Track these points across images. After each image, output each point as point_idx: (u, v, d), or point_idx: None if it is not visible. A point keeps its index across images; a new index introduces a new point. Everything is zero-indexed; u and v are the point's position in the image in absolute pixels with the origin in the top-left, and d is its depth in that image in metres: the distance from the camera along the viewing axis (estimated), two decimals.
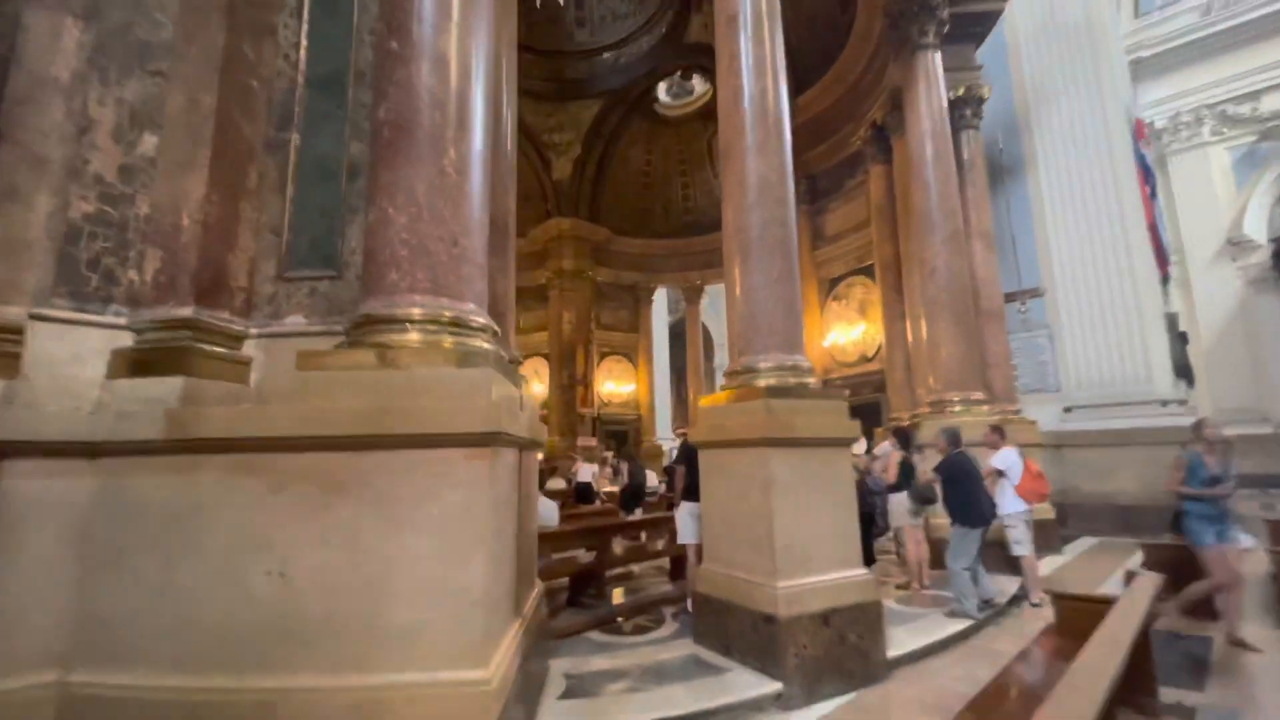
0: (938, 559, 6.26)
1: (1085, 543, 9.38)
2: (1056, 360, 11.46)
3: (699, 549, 5.01)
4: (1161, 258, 12.30)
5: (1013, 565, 6.40)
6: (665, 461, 15.67)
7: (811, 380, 4.55)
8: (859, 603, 4.13)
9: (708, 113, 16.21)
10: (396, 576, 2.47)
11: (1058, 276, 11.42)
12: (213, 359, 2.99)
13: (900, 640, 4.58)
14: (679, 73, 15.95)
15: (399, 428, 2.53)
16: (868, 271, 11.79)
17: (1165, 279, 12.56)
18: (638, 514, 8.37)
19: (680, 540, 5.43)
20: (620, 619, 5.39)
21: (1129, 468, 10.23)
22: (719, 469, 4.60)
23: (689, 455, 5.24)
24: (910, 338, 9.79)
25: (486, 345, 3.01)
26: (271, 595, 2.49)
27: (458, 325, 2.91)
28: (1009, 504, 5.75)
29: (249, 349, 3.21)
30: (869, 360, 11.90)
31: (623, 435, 17.04)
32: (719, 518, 4.56)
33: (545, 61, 14.90)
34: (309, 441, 2.54)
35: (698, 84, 17.07)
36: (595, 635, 4.98)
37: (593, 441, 15.38)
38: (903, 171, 9.58)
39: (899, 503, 6.16)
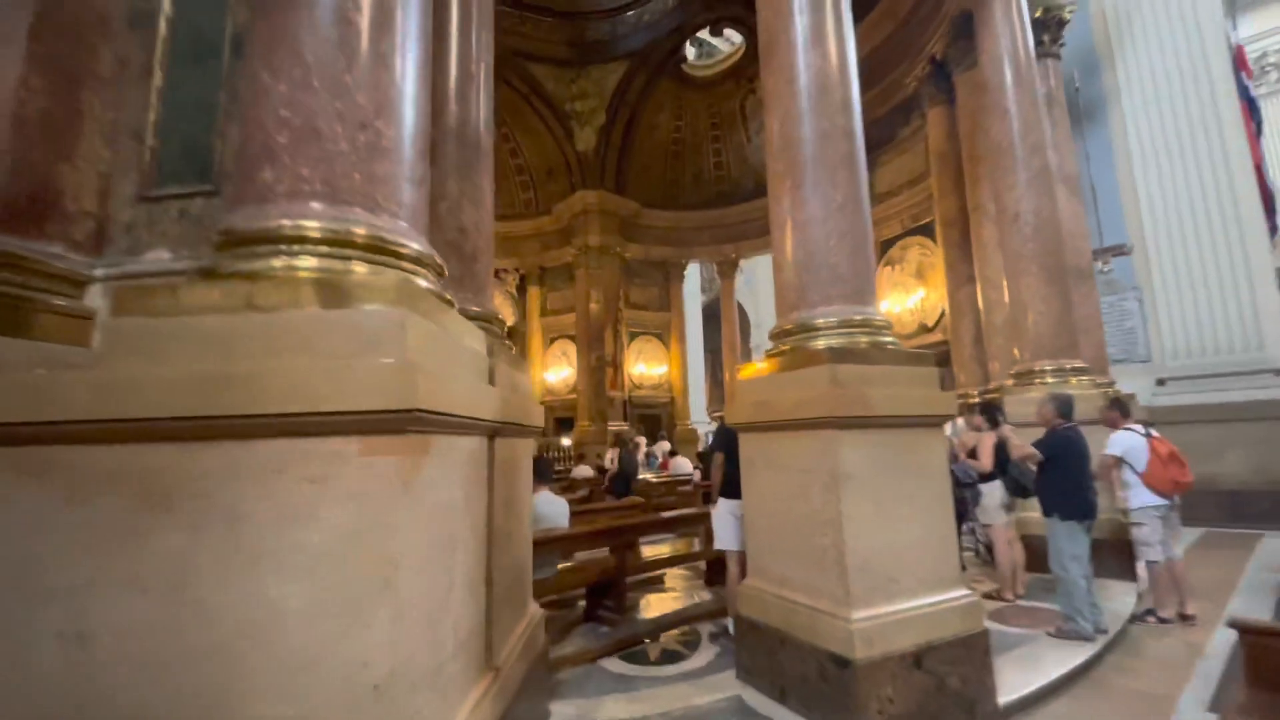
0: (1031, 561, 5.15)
1: (1189, 534, 8.06)
2: (1147, 326, 10.08)
3: (741, 558, 3.99)
4: (1269, 205, 10.69)
5: (1126, 570, 5.27)
6: (700, 446, 14.75)
7: (889, 339, 3.41)
8: (962, 635, 3.05)
9: (739, 71, 14.99)
10: (249, 645, 1.52)
11: (1148, 230, 9.98)
12: (27, 309, 2.06)
13: (1008, 678, 3.48)
14: (708, 27, 14.65)
15: (252, 405, 1.55)
16: (926, 231, 10.46)
17: (1274, 230, 10.94)
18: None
19: (718, 546, 4.39)
20: (644, 640, 4.43)
21: (1237, 447, 8.94)
22: (765, 458, 3.53)
23: (728, 441, 4.16)
24: (981, 303, 8.51)
25: (423, 283, 2.03)
26: (63, 668, 1.56)
27: (376, 250, 1.93)
28: (1136, 496, 4.55)
29: (93, 297, 2.28)
30: (929, 330, 10.60)
31: (655, 419, 16.11)
32: (766, 522, 3.50)
33: (565, 25, 13.84)
34: (117, 429, 1.59)
35: (724, 46, 15.81)
36: (613, 663, 4.02)
37: (624, 425, 14.52)
38: (969, 110, 8.26)
39: (990, 494, 5.01)
